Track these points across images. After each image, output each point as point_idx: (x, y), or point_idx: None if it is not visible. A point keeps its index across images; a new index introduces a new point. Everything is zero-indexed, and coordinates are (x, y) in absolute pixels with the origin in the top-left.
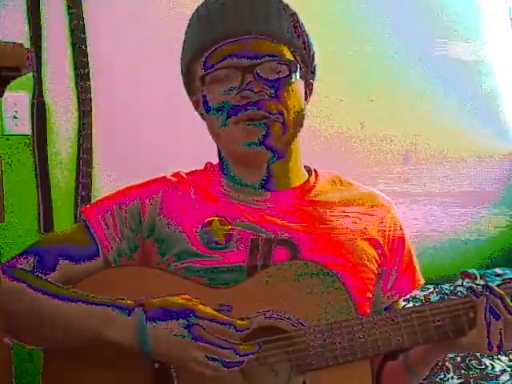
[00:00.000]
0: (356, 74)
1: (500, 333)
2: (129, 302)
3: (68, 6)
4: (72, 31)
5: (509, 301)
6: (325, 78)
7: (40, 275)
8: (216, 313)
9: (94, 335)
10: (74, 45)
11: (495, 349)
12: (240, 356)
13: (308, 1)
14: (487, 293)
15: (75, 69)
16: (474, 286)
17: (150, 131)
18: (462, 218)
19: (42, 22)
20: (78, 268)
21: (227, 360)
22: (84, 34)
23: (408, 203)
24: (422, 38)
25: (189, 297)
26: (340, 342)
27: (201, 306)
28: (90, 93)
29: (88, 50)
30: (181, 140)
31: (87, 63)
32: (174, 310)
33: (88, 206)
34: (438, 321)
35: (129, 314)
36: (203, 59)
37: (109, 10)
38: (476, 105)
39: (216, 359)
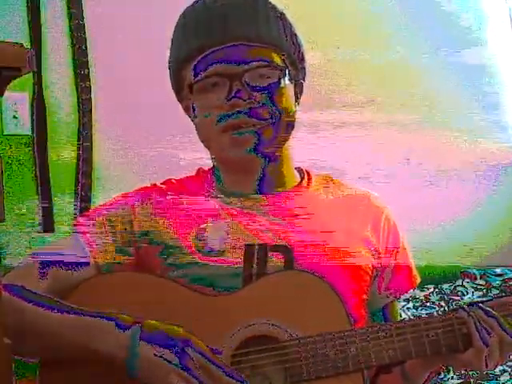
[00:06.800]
0: (357, 75)
1: (497, 352)
2: (126, 317)
3: (68, 5)
4: (72, 31)
5: (503, 321)
6: (325, 78)
7: (31, 283)
8: (211, 352)
9: (84, 346)
10: (73, 45)
11: (492, 367)
12: None
13: (310, 3)
14: (473, 313)
15: (75, 69)
16: (465, 306)
17: (150, 131)
18: (463, 219)
19: (41, 22)
20: (69, 276)
21: None
22: (84, 33)
23: (408, 203)
24: (422, 39)
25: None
26: (333, 353)
27: (199, 341)
28: (90, 93)
29: (88, 49)
30: (181, 140)
31: (87, 63)
32: (173, 337)
33: (79, 216)
34: (432, 335)
35: (124, 330)
36: (192, 66)
37: (109, 10)
38: (479, 107)
39: None
